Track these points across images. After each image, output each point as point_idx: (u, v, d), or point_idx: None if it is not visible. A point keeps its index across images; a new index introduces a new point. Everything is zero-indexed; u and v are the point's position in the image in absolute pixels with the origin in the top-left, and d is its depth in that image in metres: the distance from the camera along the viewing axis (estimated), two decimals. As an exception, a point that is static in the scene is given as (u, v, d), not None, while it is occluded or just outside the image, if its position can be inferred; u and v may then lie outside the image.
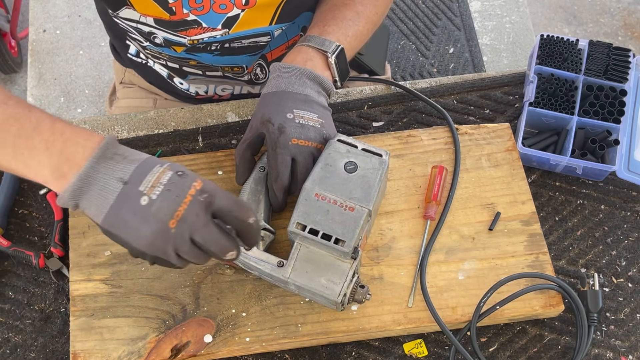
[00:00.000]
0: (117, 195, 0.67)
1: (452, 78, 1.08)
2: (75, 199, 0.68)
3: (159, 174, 0.68)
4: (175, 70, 1.09)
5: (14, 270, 0.93)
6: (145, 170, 0.69)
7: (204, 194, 0.68)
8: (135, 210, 0.67)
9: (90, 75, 2.00)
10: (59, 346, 0.87)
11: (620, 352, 0.87)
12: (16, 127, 0.68)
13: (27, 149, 0.68)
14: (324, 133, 0.87)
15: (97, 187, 0.68)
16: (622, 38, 2.29)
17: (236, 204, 0.70)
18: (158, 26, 0.94)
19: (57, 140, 0.68)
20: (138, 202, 0.67)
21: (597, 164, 0.93)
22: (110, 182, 0.68)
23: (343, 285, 0.79)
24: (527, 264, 0.88)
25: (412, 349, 0.86)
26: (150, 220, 0.66)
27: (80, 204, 0.69)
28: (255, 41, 1.01)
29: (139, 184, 0.67)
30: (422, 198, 0.93)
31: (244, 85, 1.14)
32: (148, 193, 0.67)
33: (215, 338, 0.83)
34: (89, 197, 0.68)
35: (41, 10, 2.08)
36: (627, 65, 1.00)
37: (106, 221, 0.68)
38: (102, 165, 0.68)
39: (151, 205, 0.66)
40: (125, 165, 0.69)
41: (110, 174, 0.68)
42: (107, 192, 0.68)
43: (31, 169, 0.69)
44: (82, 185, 0.68)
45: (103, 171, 0.68)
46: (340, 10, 0.95)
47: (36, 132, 0.68)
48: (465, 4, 1.90)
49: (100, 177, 0.68)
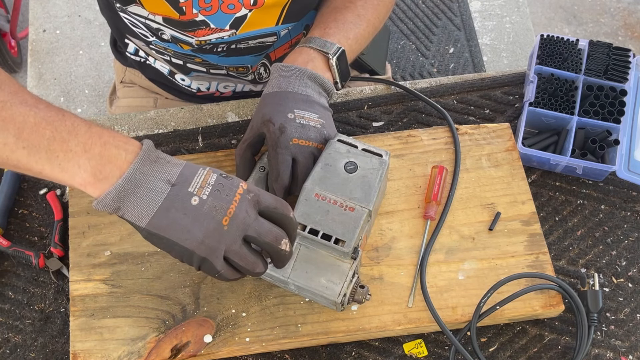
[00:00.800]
0: (165, 197, 0.68)
1: (452, 78, 1.08)
2: (119, 201, 0.68)
3: (205, 176, 0.70)
4: (179, 66, 1.08)
5: (14, 270, 0.93)
6: (192, 172, 0.70)
7: (250, 193, 0.71)
8: (185, 210, 0.68)
9: (90, 75, 2.00)
10: (59, 346, 0.87)
11: (621, 352, 0.87)
12: (50, 131, 0.67)
13: (62, 152, 0.67)
14: (324, 133, 0.87)
15: (143, 189, 0.68)
16: (622, 38, 2.29)
17: (279, 201, 0.73)
18: (166, 24, 0.94)
19: (95, 143, 0.67)
20: (189, 202, 0.68)
21: (597, 164, 0.93)
22: (157, 184, 0.68)
23: (343, 286, 0.79)
24: (527, 264, 0.88)
25: (412, 349, 0.86)
26: (202, 219, 0.68)
27: (122, 206, 0.68)
28: (261, 42, 1.01)
29: (188, 185, 0.69)
30: (422, 198, 0.93)
31: (247, 83, 1.14)
32: (198, 194, 0.68)
33: (215, 338, 0.83)
34: (134, 200, 0.68)
35: (41, 10, 2.08)
36: (627, 65, 1.00)
37: (153, 223, 0.68)
38: (147, 167, 0.68)
39: (202, 204, 0.68)
40: (170, 168, 0.69)
41: (157, 176, 0.68)
42: (154, 193, 0.68)
43: (67, 172, 0.67)
44: (127, 188, 0.67)
45: (149, 173, 0.68)
46: (341, 13, 0.96)
47: (72, 136, 0.67)
48: (465, 4, 1.90)
49: (147, 179, 0.68)
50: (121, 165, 0.68)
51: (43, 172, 0.68)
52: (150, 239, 0.70)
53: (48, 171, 0.68)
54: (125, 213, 0.68)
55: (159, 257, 0.89)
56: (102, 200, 0.67)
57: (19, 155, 0.66)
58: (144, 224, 0.68)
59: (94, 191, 0.68)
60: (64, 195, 0.97)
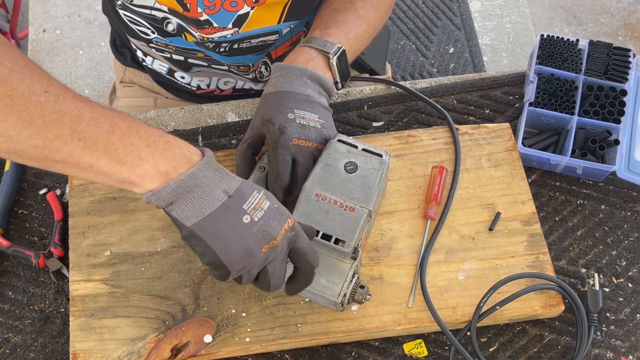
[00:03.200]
0: (219, 205, 0.68)
1: (452, 78, 1.08)
2: (174, 196, 0.68)
3: (259, 199, 0.71)
4: (179, 63, 1.08)
5: (14, 271, 0.93)
6: (249, 191, 0.71)
7: (292, 232, 0.73)
8: (235, 225, 0.69)
9: (90, 75, 2.00)
10: (59, 346, 0.87)
11: (621, 352, 0.87)
12: (109, 125, 0.66)
13: (123, 144, 0.66)
14: (324, 134, 0.87)
15: (201, 191, 0.68)
16: (622, 38, 2.29)
17: (312, 249, 0.75)
18: (172, 15, 0.94)
19: (157, 140, 0.68)
20: (240, 219, 0.69)
21: (597, 164, 0.93)
22: (215, 191, 0.69)
23: (343, 286, 0.79)
24: (527, 264, 0.88)
25: (412, 349, 0.86)
26: (248, 239, 0.69)
27: (175, 202, 0.68)
28: (263, 40, 1.01)
29: (244, 202, 0.70)
30: (422, 198, 0.93)
31: (248, 81, 1.14)
32: (251, 214, 0.70)
33: (215, 338, 0.83)
34: (189, 198, 0.68)
35: (41, 10, 2.08)
36: (627, 65, 1.00)
37: (200, 225, 0.68)
38: (209, 172, 0.69)
39: (252, 225, 0.69)
40: (229, 181, 0.70)
41: (216, 183, 0.69)
42: (210, 198, 0.68)
43: (125, 164, 0.67)
44: (187, 185, 0.68)
45: (210, 178, 0.69)
46: (342, 13, 0.96)
47: (133, 132, 0.67)
48: (465, 4, 1.90)
49: (207, 184, 0.69)
50: (184, 163, 0.69)
51: (95, 165, 0.67)
52: (188, 239, 0.70)
53: (103, 163, 0.67)
54: (175, 209, 0.69)
55: (159, 257, 0.89)
56: (158, 192, 0.67)
57: (72, 148, 0.65)
58: (190, 223, 0.68)
59: (152, 184, 0.68)
60: (64, 195, 0.97)
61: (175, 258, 0.89)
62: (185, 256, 0.88)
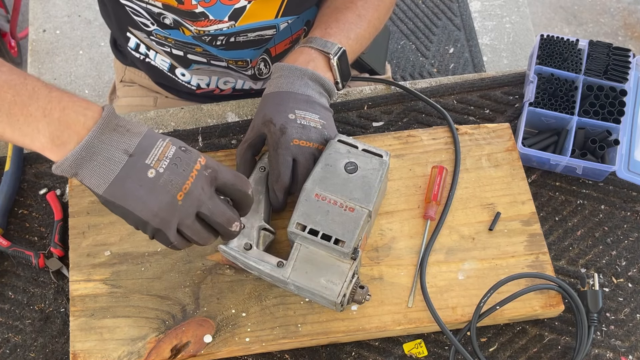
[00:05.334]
0: (122, 167, 0.69)
1: (452, 78, 1.08)
2: (76, 167, 0.69)
3: (163, 148, 0.71)
4: (179, 58, 1.08)
5: (14, 270, 0.93)
6: (150, 143, 0.71)
7: (208, 169, 0.72)
8: (141, 182, 0.69)
9: (90, 75, 2.00)
10: (59, 346, 0.87)
11: (620, 352, 0.87)
12: (11, 94, 0.68)
13: (23, 116, 0.68)
14: (325, 134, 0.87)
15: (100, 157, 0.69)
16: (622, 38, 2.29)
17: (237, 177, 0.75)
18: (166, 11, 0.94)
19: (54, 108, 0.68)
20: (145, 174, 0.69)
21: (597, 164, 0.93)
22: (115, 153, 0.69)
23: (342, 286, 0.79)
24: (527, 264, 0.88)
25: (412, 349, 0.86)
26: (157, 192, 0.69)
27: (80, 172, 0.69)
28: (260, 35, 1.01)
29: (145, 157, 0.70)
30: (422, 198, 0.93)
31: (247, 80, 1.14)
32: (155, 166, 0.69)
33: (215, 338, 0.83)
34: (91, 167, 0.69)
35: (41, 10, 2.08)
36: (627, 65, 1.00)
37: (109, 191, 0.69)
38: (106, 135, 0.69)
39: (159, 178, 0.69)
40: (129, 138, 0.70)
41: (115, 145, 0.69)
42: (111, 163, 0.69)
43: (27, 137, 0.69)
44: (84, 155, 0.68)
45: (107, 142, 0.69)
46: (342, 13, 0.96)
47: (32, 100, 0.68)
48: (465, 4, 1.90)
49: (105, 148, 0.69)
50: (79, 131, 0.69)
51: (4, 135, 0.69)
52: (107, 205, 0.71)
53: (9, 134, 0.69)
54: (84, 179, 0.70)
55: (159, 257, 0.89)
56: (59, 165, 0.69)
57: None
58: (100, 191, 0.69)
59: (53, 156, 0.69)
60: (64, 195, 0.97)
61: (175, 258, 0.89)
62: (185, 256, 0.89)
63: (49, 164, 1.00)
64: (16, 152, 0.98)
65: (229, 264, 0.88)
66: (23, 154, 1.00)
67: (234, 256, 0.82)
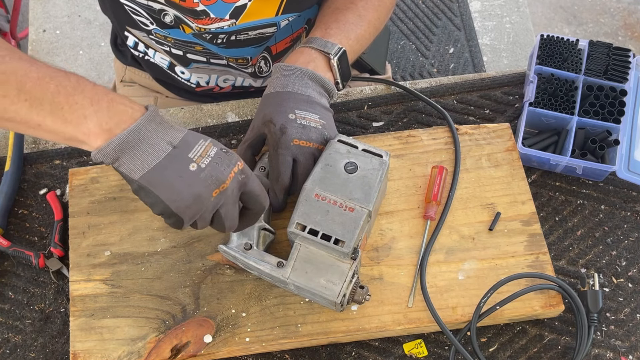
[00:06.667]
0: (165, 156, 0.71)
1: (452, 78, 1.08)
2: (119, 152, 0.70)
3: (206, 146, 0.73)
4: (179, 57, 1.08)
5: (14, 271, 0.93)
6: (194, 140, 0.73)
7: (242, 174, 0.75)
8: (182, 173, 0.70)
9: (90, 76, 2.00)
10: (59, 346, 0.87)
11: (620, 352, 0.87)
12: (54, 85, 0.69)
13: (68, 104, 0.69)
14: (325, 134, 0.87)
15: (145, 145, 0.70)
16: (622, 38, 2.29)
17: (262, 190, 0.78)
18: (168, 7, 0.94)
19: (102, 99, 0.70)
20: (187, 167, 0.71)
21: (597, 164, 0.93)
22: (159, 142, 0.71)
23: (342, 286, 0.79)
24: (527, 264, 0.88)
25: (412, 349, 0.86)
26: (197, 185, 0.71)
27: (121, 157, 0.70)
28: (261, 32, 1.01)
29: (189, 151, 0.72)
30: (422, 198, 0.93)
31: (247, 77, 1.14)
32: (197, 161, 0.71)
33: (215, 338, 0.83)
34: (134, 152, 0.70)
35: (41, 10, 2.08)
36: (627, 65, 1.00)
37: (146, 177, 0.70)
38: (152, 126, 0.71)
39: (199, 172, 0.71)
40: (174, 132, 0.73)
41: (160, 136, 0.71)
42: (154, 150, 0.70)
43: (71, 123, 0.69)
44: (130, 140, 0.70)
45: (154, 131, 0.71)
46: (343, 14, 0.96)
47: (77, 91, 0.69)
48: (465, 4, 1.90)
49: (151, 137, 0.71)
50: (127, 120, 0.70)
51: (43, 124, 0.70)
52: (138, 192, 0.72)
53: (49, 123, 0.69)
54: (122, 164, 0.71)
55: (159, 257, 0.89)
56: (103, 149, 0.70)
57: (18, 107, 0.68)
58: (137, 176, 0.70)
59: (97, 141, 0.70)
60: (64, 195, 0.97)
61: (175, 258, 0.89)
62: (185, 256, 0.89)
63: (49, 164, 1.00)
64: (16, 152, 0.98)
65: (229, 264, 0.88)
66: (23, 154, 1.00)
67: (234, 256, 0.82)
